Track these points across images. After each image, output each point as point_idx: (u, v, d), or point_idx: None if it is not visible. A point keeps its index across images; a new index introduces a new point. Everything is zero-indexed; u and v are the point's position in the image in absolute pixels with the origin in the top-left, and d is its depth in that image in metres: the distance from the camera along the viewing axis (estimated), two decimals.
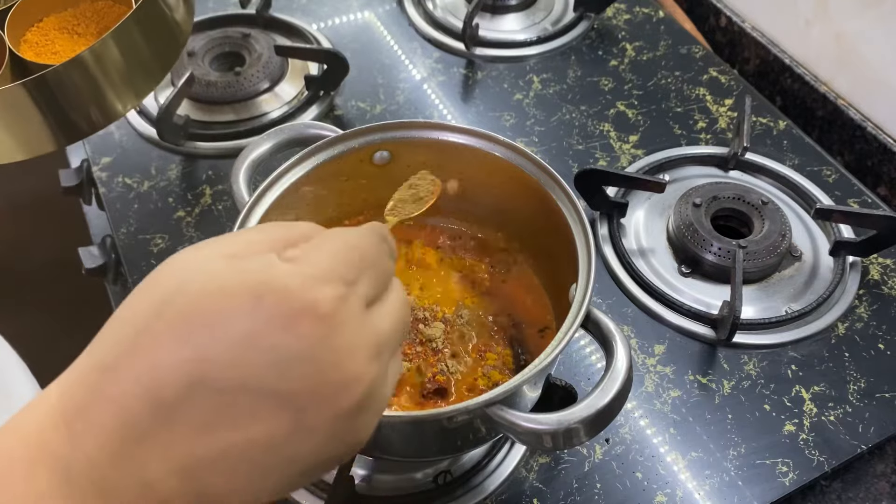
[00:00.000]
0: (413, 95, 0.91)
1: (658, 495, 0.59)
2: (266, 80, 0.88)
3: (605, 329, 0.48)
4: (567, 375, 0.66)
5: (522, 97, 0.91)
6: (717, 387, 0.65)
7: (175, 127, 0.82)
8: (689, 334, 0.69)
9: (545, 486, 0.60)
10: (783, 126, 0.87)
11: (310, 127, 0.61)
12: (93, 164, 0.83)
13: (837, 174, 0.82)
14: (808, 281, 0.73)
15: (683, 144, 0.85)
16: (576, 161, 0.83)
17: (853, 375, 0.66)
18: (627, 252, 0.74)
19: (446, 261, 0.63)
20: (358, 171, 0.60)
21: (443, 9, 1.01)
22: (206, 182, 0.81)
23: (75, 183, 0.86)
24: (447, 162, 0.60)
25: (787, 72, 0.95)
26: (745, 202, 0.74)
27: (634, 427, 0.63)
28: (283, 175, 0.57)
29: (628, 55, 0.96)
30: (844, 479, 0.63)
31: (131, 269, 0.74)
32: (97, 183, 0.81)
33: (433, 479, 0.59)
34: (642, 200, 0.79)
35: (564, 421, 0.43)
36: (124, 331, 0.29)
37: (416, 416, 0.45)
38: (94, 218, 0.87)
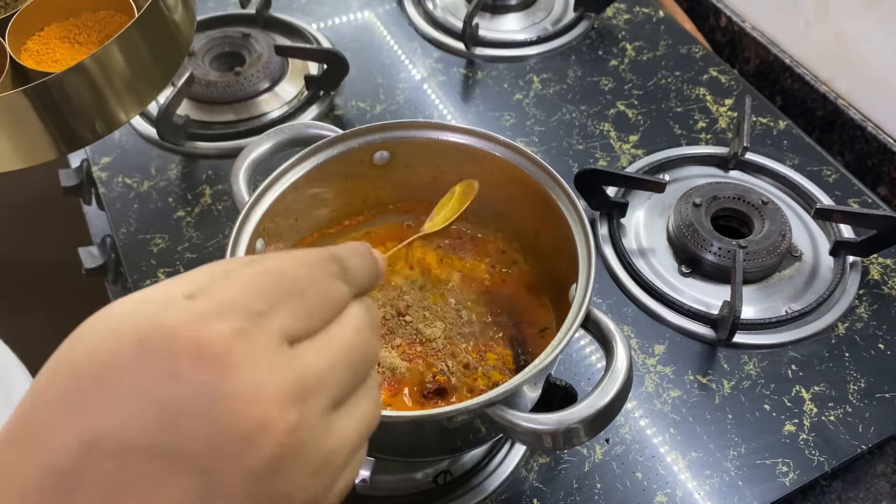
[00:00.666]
0: (413, 95, 0.91)
1: (658, 495, 0.59)
2: (266, 80, 0.88)
3: (605, 329, 0.48)
4: (567, 375, 0.66)
5: (522, 97, 0.91)
6: (717, 387, 0.65)
7: (175, 127, 0.82)
8: (689, 334, 0.69)
9: (545, 486, 0.60)
10: (783, 126, 0.87)
11: (310, 127, 0.61)
12: (93, 164, 0.83)
13: (837, 174, 0.82)
14: (808, 281, 0.73)
15: (683, 144, 0.85)
16: (576, 161, 0.83)
17: (853, 375, 0.66)
18: (627, 252, 0.74)
19: (446, 261, 0.63)
20: (358, 171, 0.60)
21: (443, 9, 1.01)
22: (206, 182, 0.81)
23: (75, 183, 0.86)
24: (447, 162, 0.60)
25: (787, 72, 0.95)
26: (745, 202, 0.74)
27: (634, 427, 0.63)
28: (283, 175, 0.57)
29: (628, 55, 0.96)
30: (844, 479, 0.63)
31: (131, 270, 0.74)
32: (97, 183, 0.81)
33: (433, 479, 0.59)
34: (642, 200, 0.79)
35: (564, 421, 0.43)
36: (31, 396, 0.25)
37: (416, 416, 0.45)
38: (94, 218, 0.87)
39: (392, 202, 0.65)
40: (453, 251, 0.64)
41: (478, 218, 0.65)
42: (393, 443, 0.51)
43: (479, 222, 0.65)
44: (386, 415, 0.45)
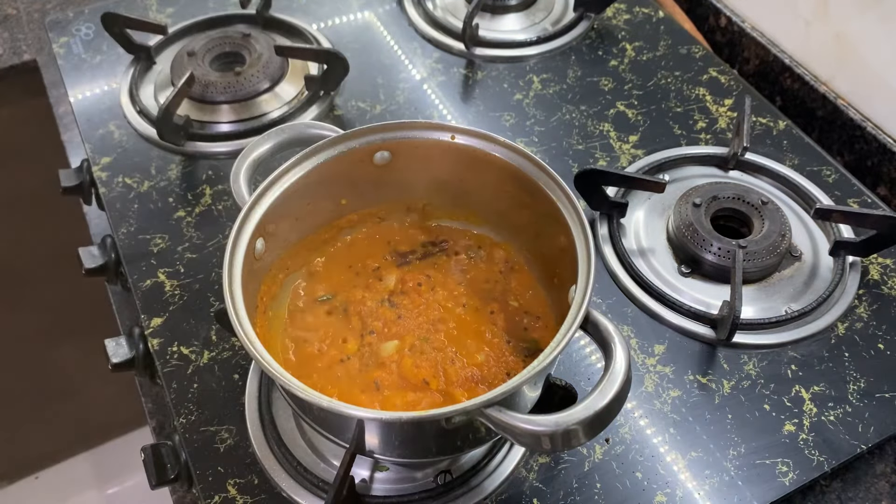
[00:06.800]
0: (413, 95, 0.91)
1: (658, 495, 0.59)
2: (266, 80, 0.88)
3: (603, 331, 0.48)
4: (567, 375, 0.66)
5: (522, 97, 0.91)
6: (716, 387, 0.65)
7: (175, 127, 0.82)
8: (689, 334, 0.69)
9: (545, 486, 0.60)
10: (783, 126, 0.87)
11: (310, 127, 0.62)
12: (93, 164, 0.83)
13: (837, 174, 0.82)
14: (808, 281, 0.73)
15: (683, 144, 0.85)
16: (576, 161, 0.83)
17: (853, 375, 0.66)
18: (627, 252, 0.74)
19: (446, 261, 0.63)
20: (358, 171, 0.61)
21: (443, 9, 1.01)
22: (206, 182, 0.81)
23: (75, 183, 0.86)
24: (447, 162, 0.60)
25: (787, 72, 0.95)
26: (745, 202, 0.74)
27: (634, 427, 0.63)
28: (284, 175, 0.57)
29: (628, 55, 0.96)
30: (844, 479, 0.63)
31: (131, 270, 0.74)
32: (97, 183, 0.81)
33: (433, 479, 0.59)
34: (642, 200, 0.79)
35: (563, 422, 0.43)
36: None
37: (416, 417, 0.45)
38: (94, 218, 0.87)
39: (392, 202, 0.65)
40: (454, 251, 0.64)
41: (478, 218, 0.65)
42: (392, 443, 0.51)
43: (479, 222, 0.65)
44: (386, 415, 0.45)
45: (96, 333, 0.81)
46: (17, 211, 1.24)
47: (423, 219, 0.66)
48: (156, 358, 0.67)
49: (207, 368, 0.66)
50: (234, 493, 0.59)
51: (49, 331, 1.41)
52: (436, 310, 0.60)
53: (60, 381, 1.51)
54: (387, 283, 0.61)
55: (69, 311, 1.37)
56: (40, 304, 1.37)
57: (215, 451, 0.61)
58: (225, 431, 0.62)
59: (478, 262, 0.63)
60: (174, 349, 0.67)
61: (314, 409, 0.50)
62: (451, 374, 0.55)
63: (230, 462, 0.61)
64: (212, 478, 0.60)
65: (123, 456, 1.67)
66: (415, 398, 0.54)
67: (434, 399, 0.54)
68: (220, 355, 0.67)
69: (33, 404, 1.53)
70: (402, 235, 0.65)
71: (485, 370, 0.56)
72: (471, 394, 0.55)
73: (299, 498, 0.59)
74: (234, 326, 0.48)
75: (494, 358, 0.57)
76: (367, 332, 0.58)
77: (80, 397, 1.55)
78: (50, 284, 1.32)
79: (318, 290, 0.62)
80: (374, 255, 0.64)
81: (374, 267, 0.63)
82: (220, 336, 0.68)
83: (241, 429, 0.62)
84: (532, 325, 0.59)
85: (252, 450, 0.61)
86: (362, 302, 0.60)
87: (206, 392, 0.65)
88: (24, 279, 1.33)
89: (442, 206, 0.65)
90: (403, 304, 0.60)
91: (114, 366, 0.70)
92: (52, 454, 1.68)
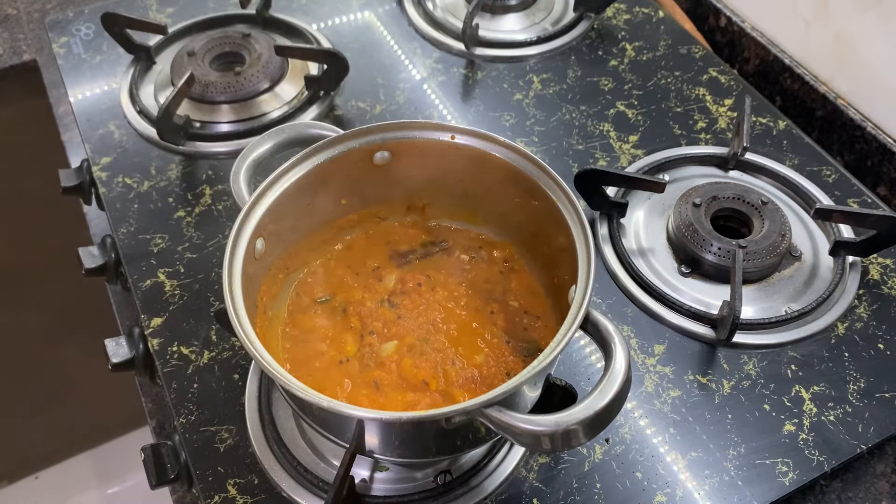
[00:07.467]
0: (413, 95, 0.91)
1: (658, 495, 0.59)
2: (266, 80, 0.88)
3: (603, 331, 0.48)
4: (567, 375, 0.66)
5: (522, 97, 0.91)
6: (716, 387, 0.65)
7: (175, 127, 0.82)
8: (689, 334, 0.69)
9: (545, 486, 0.60)
10: (783, 126, 0.87)
11: (310, 127, 0.62)
12: (93, 164, 0.83)
13: (837, 174, 0.82)
14: (808, 281, 0.73)
15: (683, 144, 0.85)
16: (576, 161, 0.83)
17: (853, 375, 0.66)
18: (627, 252, 0.74)
19: (446, 261, 0.63)
20: (358, 171, 0.61)
21: (443, 9, 1.01)
22: (206, 182, 0.81)
23: (75, 183, 0.86)
24: (447, 162, 0.60)
25: (787, 72, 0.95)
26: (745, 202, 0.74)
27: (634, 427, 0.63)
28: (284, 175, 0.57)
29: (628, 55, 0.96)
30: (844, 479, 0.63)
31: (131, 270, 0.74)
32: (97, 183, 0.81)
33: (433, 479, 0.59)
34: (642, 200, 0.79)
35: (562, 423, 0.43)
36: None
37: (416, 417, 0.45)
38: (94, 218, 0.87)
39: (392, 202, 0.65)
40: (454, 251, 0.64)
41: (478, 218, 0.65)
42: (392, 443, 0.51)
43: (479, 222, 0.65)
44: (386, 415, 0.45)
45: (96, 333, 0.81)
46: (18, 211, 1.24)
47: (423, 219, 0.66)
48: (156, 358, 0.67)
49: (207, 368, 0.66)
50: (234, 492, 0.59)
51: (49, 331, 1.41)
52: (436, 310, 0.60)
53: (60, 381, 1.51)
54: (386, 284, 0.61)
55: (69, 311, 1.37)
56: (40, 304, 1.37)
57: (215, 451, 0.61)
58: (225, 431, 0.62)
59: (478, 262, 0.63)
60: (174, 349, 0.67)
61: (314, 409, 0.50)
62: (450, 375, 0.55)
63: (230, 462, 0.61)
64: (212, 478, 0.60)
65: (123, 456, 1.67)
66: (414, 398, 0.54)
67: (434, 399, 0.54)
68: (220, 355, 0.67)
69: (33, 404, 1.53)
70: (402, 235, 0.65)
71: (484, 370, 0.56)
72: (470, 394, 0.54)
73: (299, 498, 0.59)
74: (234, 326, 0.48)
75: (494, 358, 0.57)
76: (366, 333, 0.58)
77: (80, 397, 1.55)
78: (50, 284, 1.32)
79: (317, 290, 0.62)
80: (373, 256, 0.64)
81: (373, 267, 0.63)
82: (220, 336, 0.68)
83: (241, 429, 0.62)
84: (532, 325, 0.59)
85: (252, 450, 0.61)
86: (362, 302, 0.60)
87: (206, 392, 0.65)
88: (25, 279, 1.33)
89: (442, 206, 0.65)
90: (403, 305, 0.60)
91: (114, 366, 0.70)
92: (52, 454, 1.68)
